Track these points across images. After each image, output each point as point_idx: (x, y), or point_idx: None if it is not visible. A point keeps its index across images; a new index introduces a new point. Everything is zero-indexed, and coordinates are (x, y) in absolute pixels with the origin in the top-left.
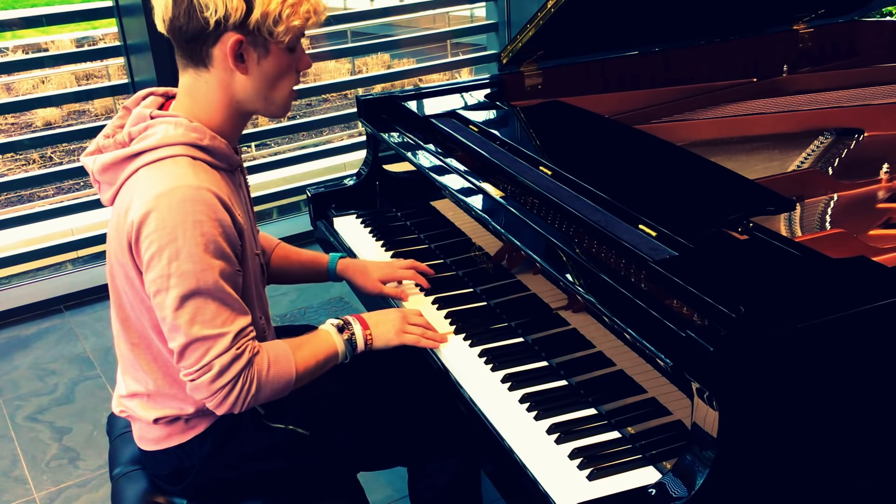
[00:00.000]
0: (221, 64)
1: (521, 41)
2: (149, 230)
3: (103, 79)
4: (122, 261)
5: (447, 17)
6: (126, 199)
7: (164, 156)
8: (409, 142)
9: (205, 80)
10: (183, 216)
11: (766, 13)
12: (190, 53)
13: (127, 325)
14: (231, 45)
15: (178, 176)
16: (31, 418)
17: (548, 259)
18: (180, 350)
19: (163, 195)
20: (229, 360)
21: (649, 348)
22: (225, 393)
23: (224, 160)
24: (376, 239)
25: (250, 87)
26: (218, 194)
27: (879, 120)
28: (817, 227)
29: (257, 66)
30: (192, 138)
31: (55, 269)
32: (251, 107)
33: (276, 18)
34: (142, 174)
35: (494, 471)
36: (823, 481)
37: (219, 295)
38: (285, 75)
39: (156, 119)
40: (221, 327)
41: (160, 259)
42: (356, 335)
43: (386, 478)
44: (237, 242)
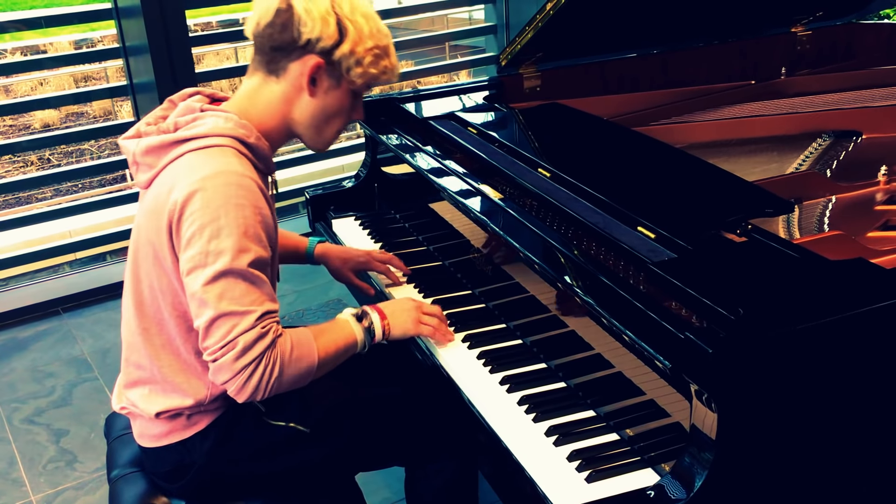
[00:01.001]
0: (293, 80)
1: (519, 43)
2: (193, 208)
3: (102, 80)
4: (153, 240)
5: (446, 20)
6: (169, 181)
7: (212, 144)
8: (407, 144)
9: (271, 88)
10: (227, 198)
11: (765, 15)
12: (269, 61)
13: (141, 310)
14: (311, 66)
15: (225, 162)
16: (29, 420)
17: (546, 261)
18: (207, 325)
19: (209, 177)
20: (254, 338)
21: (648, 350)
22: (248, 373)
23: (263, 161)
24: (375, 241)
25: (308, 111)
26: (259, 185)
27: (877, 122)
28: (815, 229)
29: (324, 94)
30: (240, 133)
31: (53, 271)
32: (300, 129)
33: (358, 60)
34: (187, 158)
35: (492, 472)
36: (822, 483)
37: (250, 277)
38: (340, 115)
39: (206, 112)
40: (249, 305)
41: (201, 236)
42: (374, 324)
43: (383, 479)
44: (273, 234)
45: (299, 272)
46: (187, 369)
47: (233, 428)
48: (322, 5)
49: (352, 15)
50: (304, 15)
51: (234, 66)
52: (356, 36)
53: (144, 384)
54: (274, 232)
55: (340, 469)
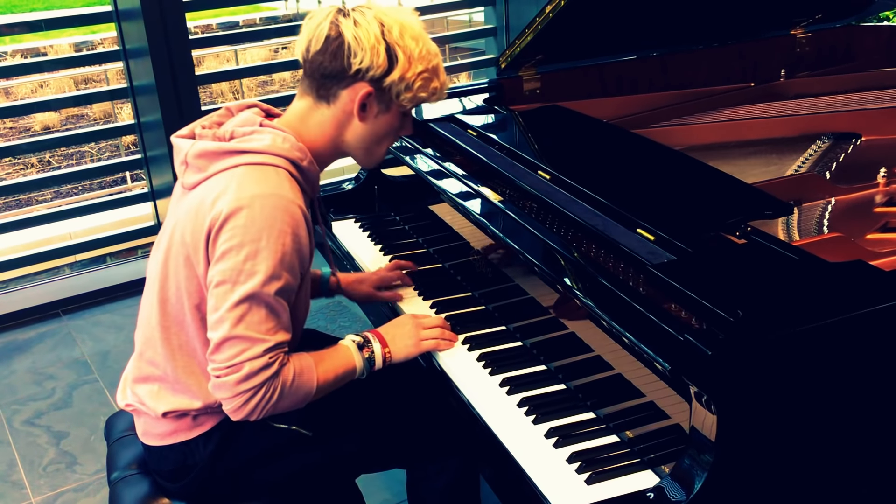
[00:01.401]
0: (344, 105)
1: (519, 46)
2: (236, 223)
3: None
4: (188, 242)
5: (446, 22)
6: (218, 188)
7: (268, 162)
8: (407, 146)
9: (321, 112)
10: (272, 222)
11: (764, 18)
12: (319, 87)
13: (164, 308)
14: (362, 95)
15: (278, 185)
16: (29, 423)
17: (546, 263)
18: (219, 342)
19: (260, 196)
20: (259, 367)
21: (647, 352)
22: (246, 398)
23: (311, 186)
24: (375, 243)
25: (359, 135)
26: (305, 213)
27: (877, 124)
28: (815, 231)
29: (374, 119)
30: (295, 156)
31: (53, 273)
32: (351, 151)
33: (408, 85)
34: (242, 171)
35: (493, 475)
36: (822, 485)
37: (273, 305)
38: (390, 135)
39: (265, 127)
40: (264, 334)
41: (238, 254)
42: (375, 353)
43: (384, 482)
44: (307, 262)
45: None
46: (201, 372)
47: (236, 430)
48: (372, 32)
49: (401, 39)
50: (354, 44)
51: (233, 69)
52: (406, 63)
53: (155, 381)
54: (308, 261)
55: (342, 471)
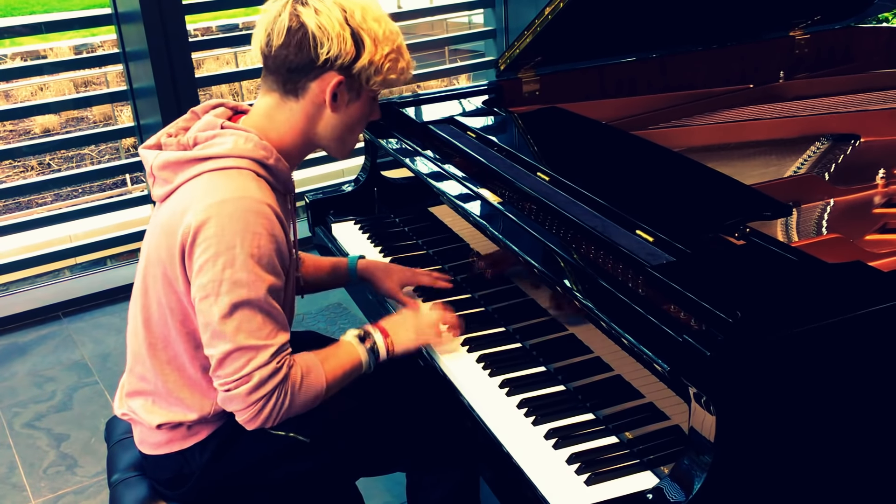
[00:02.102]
0: (314, 98)
1: (518, 47)
2: (207, 234)
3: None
4: (163, 259)
5: (445, 24)
6: (184, 200)
7: (231, 166)
8: (407, 148)
9: (290, 107)
10: (244, 225)
11: (763, 19)
12: (285, 82)
13: (148, 325)
14: (333, 85)
15: (243, 187)
16: (29, 425)
17: (545, 264)
18: (221, 357)
19: (226, 202)
20: (269, 374)
21: (647, 353)
22: (259, 406)
23: (282, 184)
24: (374, 245)
25: (331, 126)
26: (276, 211)
27: (875, 125)
28: (814, 232)
29: (345, 108)
30: (259, 155)
31: (53, 275)
32: (323, 142)
33: (378, 69)
34: (205, 179)
35: (493, 476)
36: (821, 485)
37: (266, 308)
38: (362, 122)
39: (226, 129)
40: (266, 339)
41: (214, 265)
42: (378, 344)
43: (384, 484)
44: (287, 261)
45: None
46: (192, 385)
47: (233, 438)
48: (335, 19)
49: (364, 23)
50: (319, 33)
51: (233, 71)
52: (372, 46)
53: (147, 395)
54: (289, 258)
55: (341, 475)
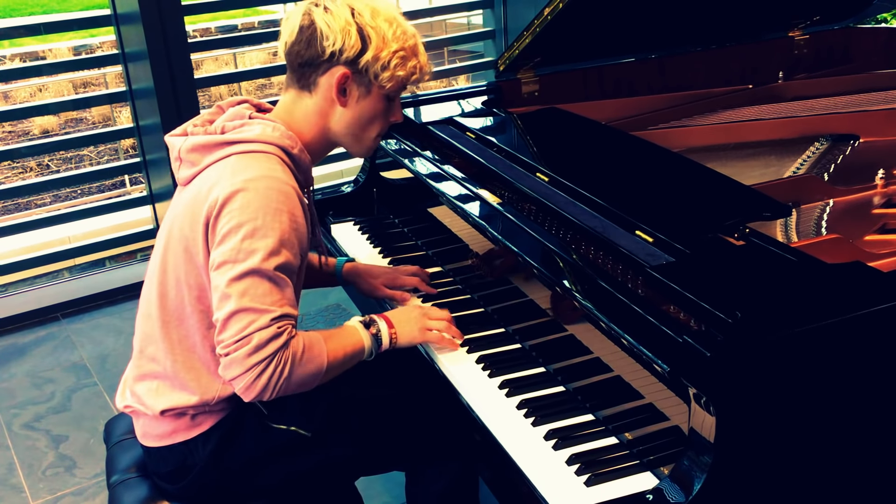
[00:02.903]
0: (324, 92)
1: (517, 48)
2: (233, 207)
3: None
4: (186, 234)
5: (444, 25)
6: (212, 178)
7: (258, 150)
8: (406, 149)
9: (305, 102)
10: (267, 202)
11: (762, 20)
12: (299, 77)
13: (164, 303)
14: (338, 78)
15: (269, 168)
16: (28, 426)
17: (545, 265)
18: (226, 318)
19: (253, 179)
20: (268, 337)
21: (646, 354)
22: (259, 371)
23: (304, 174)
24: (374, 246)
25: (344, 121)
26: (300, 195)
27: (875, 126)
28: (813, 232)
29: (356, 103)
30: (285, 143)
31: (52, 276)
32: (339, 139)
33: (385, 65)
34: (233, 159)
35: (492, 477)
36: (821, 486)
37: (276, 279)
38: (377, 120)
39: (254, 119)
40: (270, 305)
41: (236, 234)
42: (382, 332)
43: (383, 484)
44: (305, 245)
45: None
46: (200, 367)
47: (236, 430)
48: (342, 16)
49: (373, 21)
50: (326, 28)
51: (232, 72)
52: (379, 42)
53: (154, 378)
54: (307, 243)
55: (341, 473)
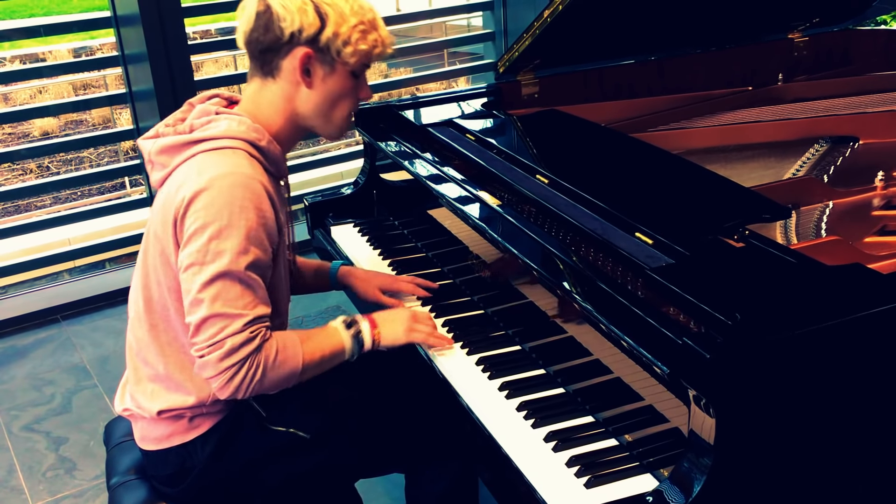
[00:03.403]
0: (289, 76)
1: (517, 50)
2: (197, 206)
3: (101, 89)
4: (160, 236)
5: (444, 27)
6: (180, 179)
7: (225, 146)
8: (406, 151)
9: (270, 89)
10: (232, 199)
11: (762, 22)
12: (262, 63)
13: (149, 307)
14: (300, 58)
15: (235, 164)
16: (28, 428)
17: (545, 267)
18: (198, 324)
19: (217, 177)
20: (241, 342)
21: (646, 356)
22: (231, 374)
23: (275, 165)
24: (374, 247)
25: (311, 102)
26: (267, 188)
27: (874, 128)
28: (813, 234)
29: (321, 83)
30: (252, 137)
31: (52, 278)
32: (310, 122)
33: (346, 40)
34: (200, 158)
35: (492, 479)
36: (821, 488)
37: (246, 280)
38: (345, 98)
39: (220, 115)
40: (242, 309)
41: (202, 235)
42: (363, 332)
43: (383, 486)
44: (275, 238)
45: None
46: (192, 367)
47: (234, 432)
48: None
49: None
50: (282, 10)
51: (233, 74)
52: (337, 17)
53: (150, 381)
54: (277, 235)
55: (340, 475)
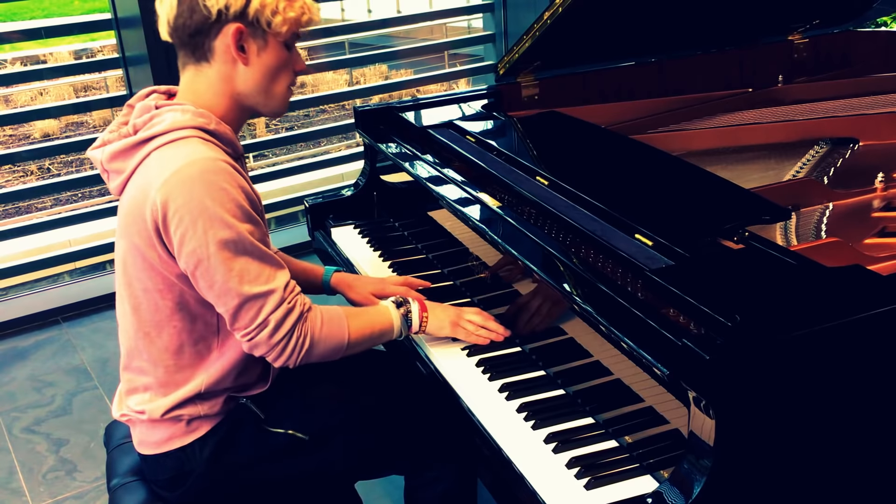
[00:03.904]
0: (223, 56)
1: (517, 52)
2: (176, 206)
3: (102, 90)
4: (138, 244)
5: (444, 29)
6: (143, 182)
7: (176, 138)
8: (406, 152)
9: (206, 74)
10: (207, 186)
11: (762, 24)
12: (193, 49)
13: (139, 315)
14: (232, 34)
15: (194, 151)
16: (29, 430)
17: (545, 269)
18: (234, 311)
19: (182, 169)
20: (283, 315)
21: (646, 357)
22: (283, 345)
23: (230, 145)
24: (374, 249)
25: (250, 79)
26: (232, 163)
27: (874, 129)
28: (812, 236)
29: (257, 58)
30: (199, 122)
31: (53, 280)
32: (251, 100)
33: (274, 10)
34: (155, 157)
35: (492, 480)
36: (821, 489)
37: (258, 253)
38: (283, 71)
39: (161, 108)
40: (267, 283)
41: (195, 230)
42: (412, 313)
43: (383, 487)
44: (260, 208)
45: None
46: (186, 367)
47: (232, 435)
48: None
49: None
50: None
51: None
52: None
53: (146, 389)
54: (260, 205)
55: (339, 477)
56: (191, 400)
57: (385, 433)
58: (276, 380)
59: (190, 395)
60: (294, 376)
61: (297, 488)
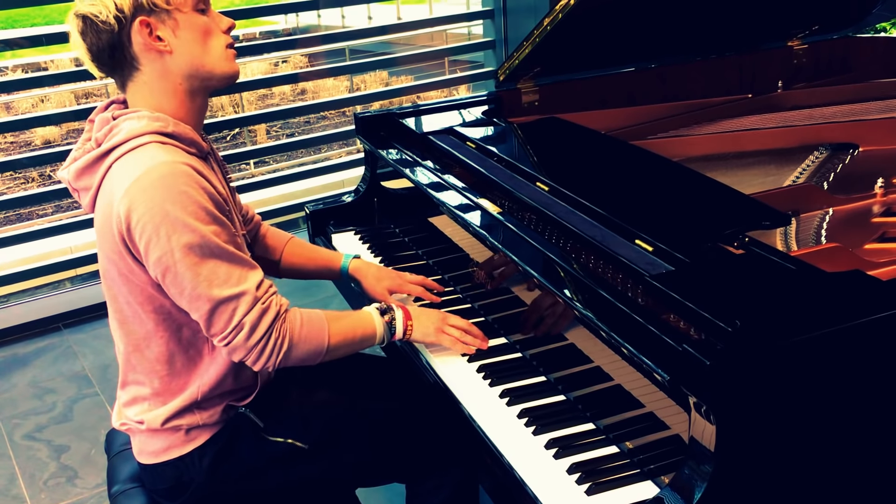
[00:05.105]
0: (147, 56)
1: (517, 58)
2: (138, 214)
3: (103, 97)
4: (113, 258)
5: (445, 35)
6: (107, 196)
7: (133, 146)
8: (406, 158)
9: (143, 79)
10: (166, 191)
11: (761, 30)
12: (121, 66)
13: (127, 328)
14: (141, 30)
15: (150, 158)
16: (29, 437)
17: (545, 274)
18: (207, 317)
19: (141, 178)
20: (257, 316)
21: (646, 363)
22: (260, 348)
23: (192, 145)
24: (374, 255)
25: (183, 61)
26: (193, 167)
27: (874, 135)
28: (813, 241)
29: (177, 39)
30: (156, 127)
31: (54, 287)
32: (197, 79)
33: None
34: (116, 168)
35: (493, 486)
36: (822, 494)
37: (226, 255)
38: (210, 36)
39: (118, 118)
40: (238, 285)
41: (159, 238)
42: (396, 321)
43: (384, 494)
44: (225, 208)
45: (301, 286)
46: (180, 374)
47: (231, 444)
48: None
49: None
50: (93, 9)
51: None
52: None
53: (144, 400)
54: (227, 205)
55: (339, 485)
56: (189, 409)
57: (385, 441)
58: (274, 388)
59: (188, 404)
60: (293, 384)
61: (297, 497)
